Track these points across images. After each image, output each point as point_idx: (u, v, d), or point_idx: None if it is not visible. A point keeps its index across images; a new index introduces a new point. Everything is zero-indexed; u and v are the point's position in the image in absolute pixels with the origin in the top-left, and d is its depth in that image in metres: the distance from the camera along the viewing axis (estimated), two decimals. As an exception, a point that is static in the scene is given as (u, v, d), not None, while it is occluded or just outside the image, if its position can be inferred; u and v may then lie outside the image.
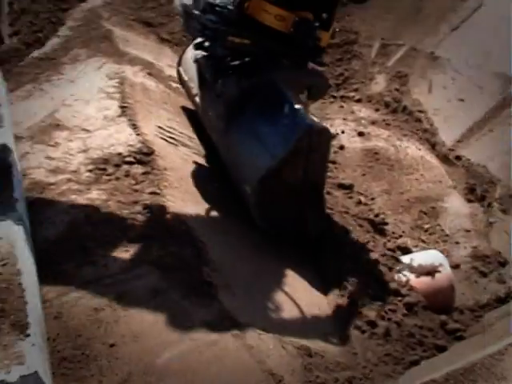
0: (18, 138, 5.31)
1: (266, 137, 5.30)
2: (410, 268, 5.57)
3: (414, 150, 7.74)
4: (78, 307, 4.00)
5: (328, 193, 6.17)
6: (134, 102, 6.15)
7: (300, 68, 5.85)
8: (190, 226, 4.78)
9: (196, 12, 5.38)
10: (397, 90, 8.81)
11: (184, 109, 7.02)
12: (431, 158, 7.61)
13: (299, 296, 5.00)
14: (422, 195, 7.06)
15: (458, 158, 7.59)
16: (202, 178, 5.86)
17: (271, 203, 5.32)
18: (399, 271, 5.53)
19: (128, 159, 5.32)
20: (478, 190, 7.15)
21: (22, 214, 4.21)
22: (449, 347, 5.01)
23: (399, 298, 5.26)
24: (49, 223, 4.61)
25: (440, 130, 8.06)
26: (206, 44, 5.75)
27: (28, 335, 3.25)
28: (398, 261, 5.71)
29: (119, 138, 5.58)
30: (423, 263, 5.61)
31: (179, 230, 4.68)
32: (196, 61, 6.12)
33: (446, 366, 4.11)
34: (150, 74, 7.03)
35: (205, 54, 5.83)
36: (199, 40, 5.85)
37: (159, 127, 6.02)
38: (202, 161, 6.13)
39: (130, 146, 5.48)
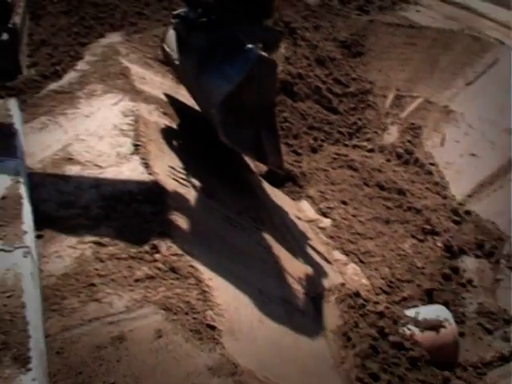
0: (30, 170, 5.31)
1: (227, 71, 6.29)
2: (415, 322, 5.54)
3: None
4: (80, 344, 3.96)
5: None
6: (148, 141, 6.15)
7: (256, 24, 6.79)
8: (197, 268, 4.75)
9: None
10: (409, 141, 8.84)
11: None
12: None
13: (302, 343, 4.98)
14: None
15: (468, 212, 7.59)
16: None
17: (233, 122, 6.26)
18: (404, 324, 5.50)
19: (138, 197, 5.31)
20: (486, 245, 7.13)
21: (31, 246, 4.20)
22: (450, 404, 4.98)
23: (403, 352, 5.22)
24: (56, 257, 4.58)
25: (451, 184, 8.07)
26: (182, 13, 6.97)
27: (29, 369, 3.23)
28: (403, 314, 5.68)
29: (131, 176, 5.58)
30: (428, 317, 5.59)
31: (186, 272, 4.65)
32: (174, 28, 7.16)
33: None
34: (164, 113, 7.05)
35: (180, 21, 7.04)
36: (177, 11, 7.10)
37: (171, 167, 6.02)
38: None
39: (141, 184, 5.47)
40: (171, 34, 7.36)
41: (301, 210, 7.29)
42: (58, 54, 8.19)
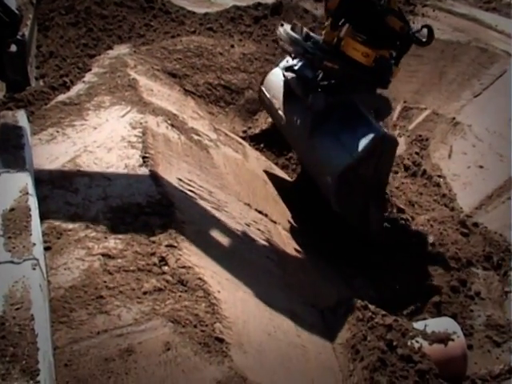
0: (38, 182, 5.31)
1: (347, 141, 6.59)
2: (423, 334, 5.51)
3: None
4: (88, 356, 3.95)
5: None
6: (156, 153, 6.15)
7: (372, 92, 7.27)
8: (205, 280, 4.73)
9: (299, 38, 6.95)
10: (417, 153, 8.84)
11: None
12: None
13: (310, 356, 4.96)
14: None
15: (476, 224, 7.55)
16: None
17: (346, 193, 6.58)
18: (412, 337, 5.47)
19: (147, 210, 5.31)
20: (494, 258, 7.10)
21: (39, 258, 4.20)
22: (458, 417, 4.96)
23: (411, 365, 5.19)
24: (64, 269, 4.57)
25: (458, 196, 8.04)
26: (296, 67, 7.34)
27: (38, 382, 3.23)
28: (412, 327, 5.65)
29: (139, 188, 5.57)
30: (436, 330, 5.56)
31: (194, 285, 4.63)
32: (285, 81, 7.54)
33: None
34: (172, 125, 7.04)
35: (294, 75, 7.36)
36: (289, 63, 7.51)
37: (179, 179, 6.01)
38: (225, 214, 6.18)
39: (150, 197, 5.47)
40: (274, 81, 7.86)
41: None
42: (66, 66, 8.23)
